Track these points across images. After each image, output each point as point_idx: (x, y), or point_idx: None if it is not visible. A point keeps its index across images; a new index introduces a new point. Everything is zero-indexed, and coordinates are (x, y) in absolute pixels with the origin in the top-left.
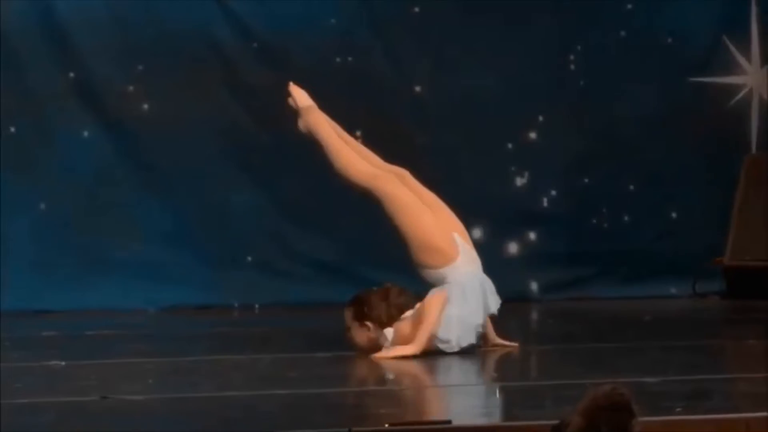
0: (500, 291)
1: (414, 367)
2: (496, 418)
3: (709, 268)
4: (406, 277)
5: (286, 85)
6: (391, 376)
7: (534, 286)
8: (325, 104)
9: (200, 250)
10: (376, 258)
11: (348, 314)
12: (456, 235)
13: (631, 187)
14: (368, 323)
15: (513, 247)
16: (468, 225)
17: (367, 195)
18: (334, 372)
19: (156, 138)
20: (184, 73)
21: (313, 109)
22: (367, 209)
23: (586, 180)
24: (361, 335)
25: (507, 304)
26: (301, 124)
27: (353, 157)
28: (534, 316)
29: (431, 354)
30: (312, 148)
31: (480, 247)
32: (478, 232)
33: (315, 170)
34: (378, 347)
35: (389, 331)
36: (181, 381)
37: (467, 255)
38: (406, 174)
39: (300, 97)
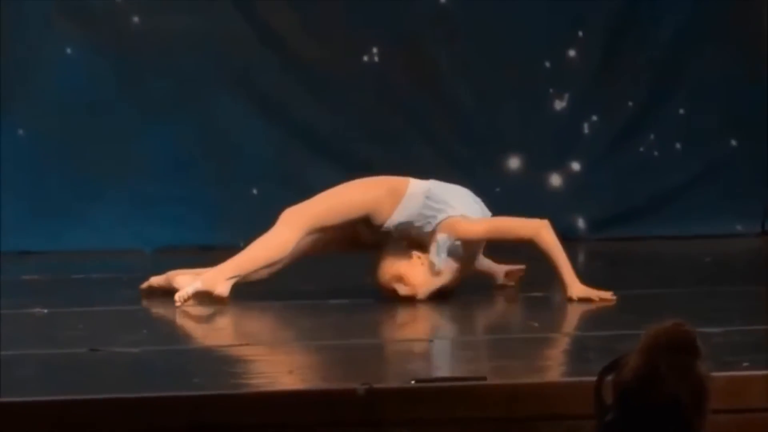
0: None
1: (443, 316)
2: (535, 375)
3: None
4: None
5: None
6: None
7: (581, 222)
8: (334, 20)
9: (200, 182)
10: None
11: (388, 265)
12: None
13: (682, 111)
14: (413, 253)
15: (555, 179)
16: (503, 155)
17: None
18: (352, 321)
19: (148, 56)
20: None
21: (218, 278)
22: (386, 138)
23: (631, 103)
24: (414, 273)
25: None
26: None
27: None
28: (581, 257)
29: (464, 301)
30: (328, 69)
31: (518, 179)
32: (515, 162)
33: (328, 94)
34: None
35: (443, 241)
36: (179, 332)
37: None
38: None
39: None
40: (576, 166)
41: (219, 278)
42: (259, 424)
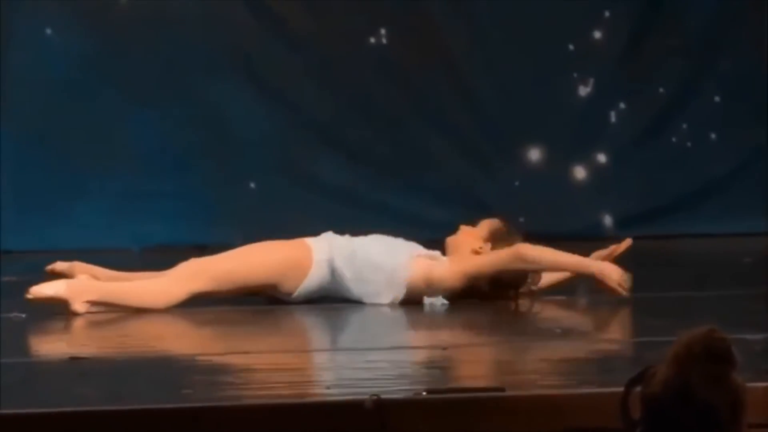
0: (568, 224)
1: (460, 321)
2: (557, 386)
3: None
4: (435, 202)
5: None
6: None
7: (607, 219)
8: None
9: (195, 176)
10: (403, 184)
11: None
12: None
13: (717, 98)
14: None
15: (579, 172)
16: (524, 144)
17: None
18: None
19: (138, 38)
20: None
21: (84, 296)
22: (394, 127)
23: (662, 89)
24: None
25: (576, 242)
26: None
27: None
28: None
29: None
30: (326, 51)
31: (539, 172)
32: (535, 154)
33: (332, 79)
34: None
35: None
36: (168, 337)
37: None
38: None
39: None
40: (602, 158)
41: (84, 296)
42: None
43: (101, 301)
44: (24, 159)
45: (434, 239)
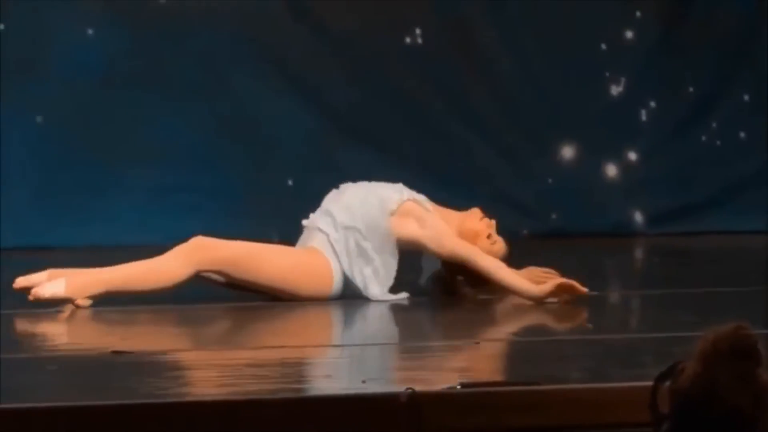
0: (600, 221)
1: (491, 315)
2: (590, 380)
3: None
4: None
5: None
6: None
7: (638, 216)
8: None
9: (230, 172)
10: (438, 181)
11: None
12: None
13: (746, 97)
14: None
15: (611, 170)
16: (555, 143)
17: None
18: (392, 319)
19: (176, 37)
20: None
21: (85, 290)
22: (429, 125)
23: (692, 89)
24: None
25: (607, 238)
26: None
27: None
28: (638, 253)
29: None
30: (363, 47)
31: (572, 169)
32: (568, 152)
33: (368, 75)
34: None
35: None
36: (208, 332)
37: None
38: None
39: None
40: (633, 155)
41: (85, 291)
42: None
43: (103, 291)
44: (59, 156)
45: None
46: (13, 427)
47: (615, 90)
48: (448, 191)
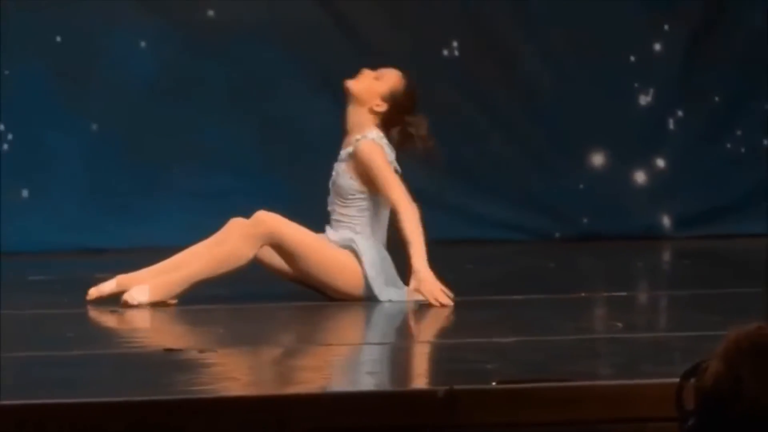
0: (629, 225)
1: (523, 314)
2: (620, 377)
3: None
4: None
5: None
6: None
7: (666, 220)
8: (413, 8)
9: (275, 177)
10: (472, 187)
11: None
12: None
13: None
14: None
15: (640, 176)
16: (586, 150)
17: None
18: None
19: (224, 48)
20: None
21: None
22: (466, 134)
23: (717, 98)
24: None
25: (635, 241)
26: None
27: None
28: (666, 256)
29: (545, 300)
30: (400, 62)
31: (602, 175)
32: (599, 159)
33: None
34: None
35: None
36: (256, 331)
37: None
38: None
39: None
40: (661, 162)
41: (171, 291)
42: (336, 427)
43: (188, 287)
44: (109, 161)
45: (499, 239)
46: (70, 419)
47: (644, 100)
48: (483, 197)
